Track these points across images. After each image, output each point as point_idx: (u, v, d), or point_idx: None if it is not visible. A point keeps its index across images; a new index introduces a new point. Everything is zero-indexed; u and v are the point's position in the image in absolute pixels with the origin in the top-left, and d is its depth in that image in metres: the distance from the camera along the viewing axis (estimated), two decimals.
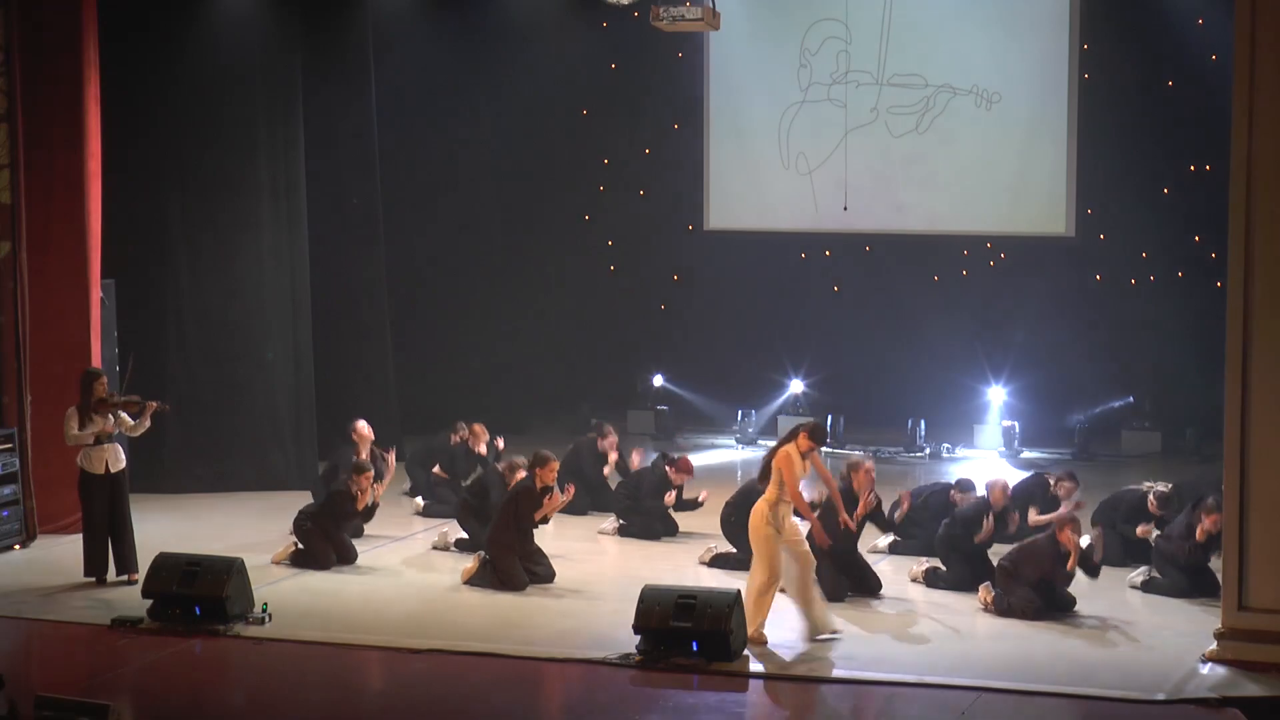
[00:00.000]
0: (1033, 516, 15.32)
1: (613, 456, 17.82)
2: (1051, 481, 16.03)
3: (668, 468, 16.74)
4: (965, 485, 15.90)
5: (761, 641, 12.82)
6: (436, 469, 18.00)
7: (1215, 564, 13.82)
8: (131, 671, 12.62)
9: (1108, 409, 21.07)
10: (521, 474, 15.41)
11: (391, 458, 16.98)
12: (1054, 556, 13.74)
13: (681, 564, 15.60)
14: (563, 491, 15.10)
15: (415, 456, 18.44)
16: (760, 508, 13.05)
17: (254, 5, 18.69)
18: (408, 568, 15.54)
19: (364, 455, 16.72)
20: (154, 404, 15.10)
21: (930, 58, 21.63)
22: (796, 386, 22.20)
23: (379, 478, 16.05)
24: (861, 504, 14.29)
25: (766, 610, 12.99)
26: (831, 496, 14.22)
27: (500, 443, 18.23)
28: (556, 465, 15.24)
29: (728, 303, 23.15)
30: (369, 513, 15.84)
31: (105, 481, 14.86)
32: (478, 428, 18.10)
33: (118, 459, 14.94)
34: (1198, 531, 14.23)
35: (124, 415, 14.97)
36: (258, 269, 18.89)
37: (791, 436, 13.20)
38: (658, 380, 22.71)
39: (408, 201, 21.62)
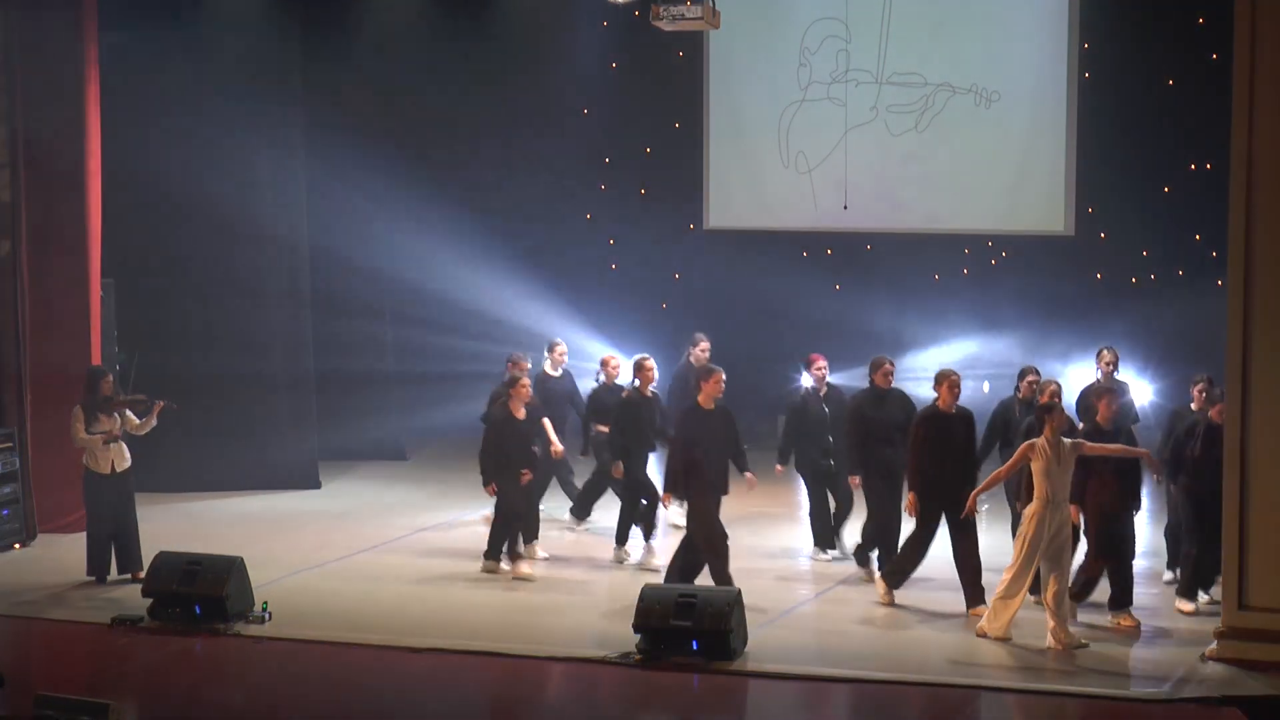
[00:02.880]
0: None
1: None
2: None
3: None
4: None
5: (998, 639, 12.86)
6: (600, 427, 16.33)
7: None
8: (131, 671, 12.65)
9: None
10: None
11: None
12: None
13: None
14: None
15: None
16: (1026, 510, 12.93)
17: (254, 5, 18.70)
18: (408, 567, 15.54)
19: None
20: (161, 403, 15.07)
21: (930, 56, 21.61)
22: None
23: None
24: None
25: (1008, 614, 12.89)
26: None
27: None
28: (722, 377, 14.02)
29: (728, 301, 23.12)
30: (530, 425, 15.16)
31: (111, 481, 14.85)
32: (608, 358, 16.83)
33: (123, 458, 14.93)
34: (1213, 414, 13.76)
35: (130, 414, 14.96)
36: (257, 268, 18.89)
37: (1039, 428, 12.95)
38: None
39: (408, 200, 21.60)
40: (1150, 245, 21.34)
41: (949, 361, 21.66)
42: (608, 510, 16.46)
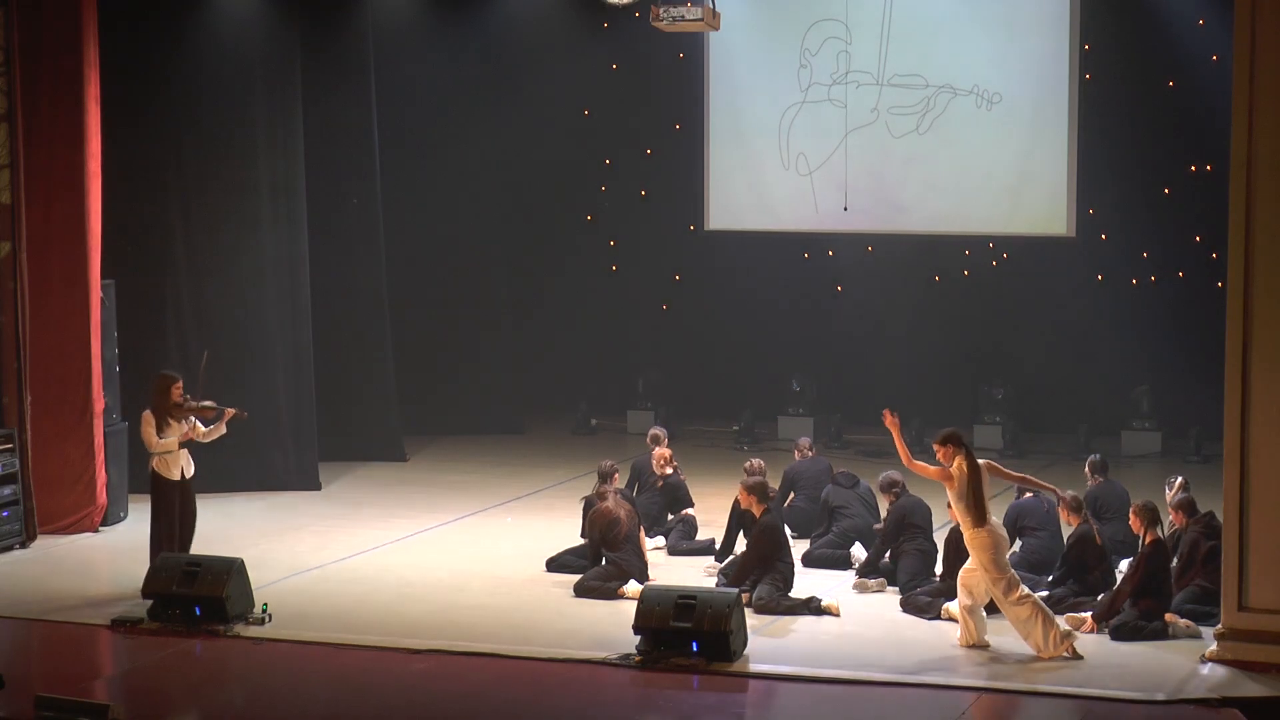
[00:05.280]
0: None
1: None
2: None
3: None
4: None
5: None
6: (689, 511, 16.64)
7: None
8: (131, 671, 12.64)
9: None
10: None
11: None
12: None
13: (681, 564, 15.59)
14: None
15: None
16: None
17: (254, 5, 18.68)
18: (408, 568, 15.53)
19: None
20: (232, 410, 14.64)
21: (931, 58, 21.59)
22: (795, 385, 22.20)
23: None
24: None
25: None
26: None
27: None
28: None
29: (729, 303, 23.13)
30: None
31: (179, 487, 14.54)
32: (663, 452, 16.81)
33: (189, 464, 14.60)
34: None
35: (197, 422, 14.61)
36: (258, 269, 18.87)
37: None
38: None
39: (408, 201, 21.59)
40: (1151, 247, 21.33)
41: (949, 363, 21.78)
42: None
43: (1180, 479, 14.56)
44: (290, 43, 18.85)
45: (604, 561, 14.65)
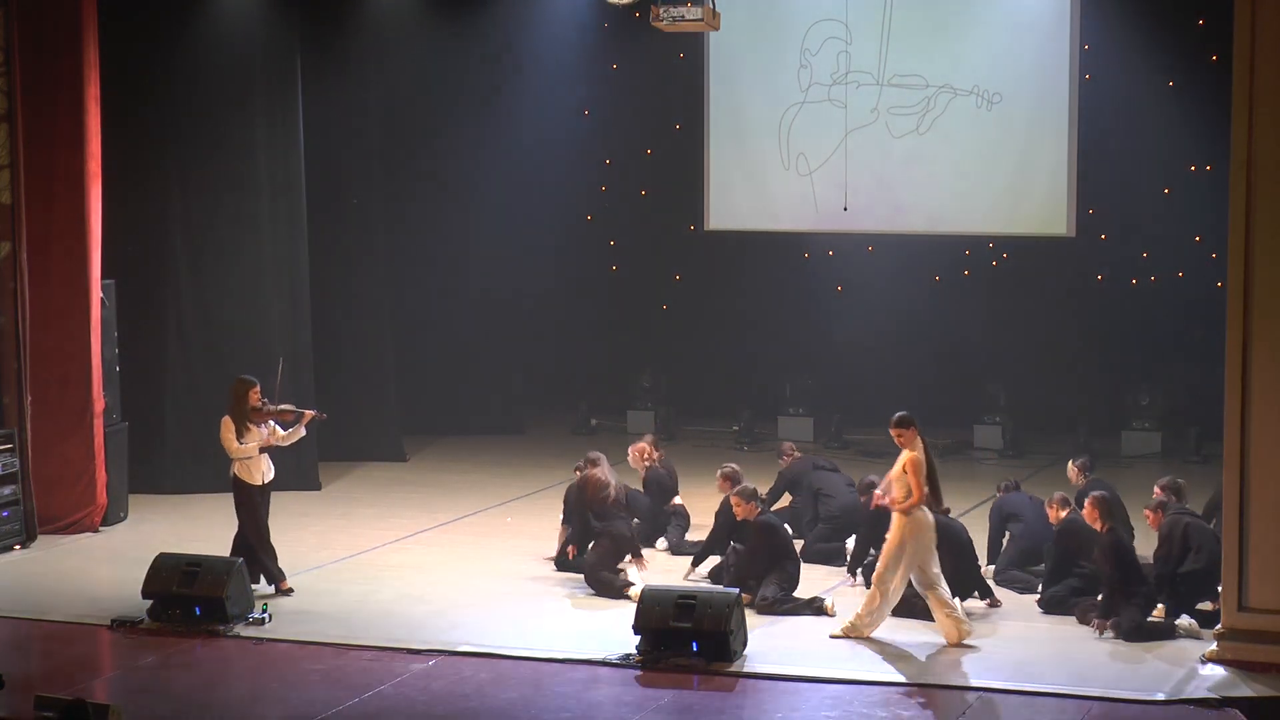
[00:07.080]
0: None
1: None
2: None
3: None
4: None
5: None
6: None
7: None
8: (131, 671, 12.64)
9: None
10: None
11: None
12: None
13: (684, 564, 15.59)
14: None
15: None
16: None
17: (254, 5, 18.68)
18: (408, 568, 15.54)
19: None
20: (310, 412, 14.62)
21: (931, 58, 21.58)
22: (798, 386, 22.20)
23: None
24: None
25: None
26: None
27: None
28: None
29: (729, 303, 23.13)
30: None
31: (261, 492, 14.47)
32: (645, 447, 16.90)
33: (270, 468, 14.52)
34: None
35: (276, 425, 14.54)
36: (258, 269, 18.87)
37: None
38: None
39: (407, 201, 21.59)
40: (1150, 247, 21.34)
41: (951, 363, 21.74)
42: None
43: (1165, 480, 14.52)
44: (290, 42, 18.85)
45: (594, 534, 14.67)
